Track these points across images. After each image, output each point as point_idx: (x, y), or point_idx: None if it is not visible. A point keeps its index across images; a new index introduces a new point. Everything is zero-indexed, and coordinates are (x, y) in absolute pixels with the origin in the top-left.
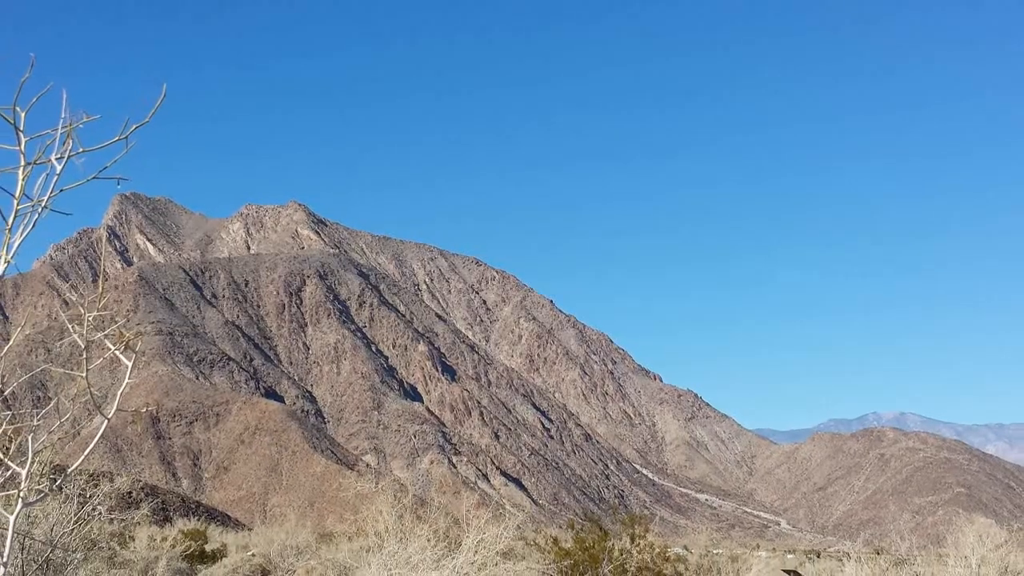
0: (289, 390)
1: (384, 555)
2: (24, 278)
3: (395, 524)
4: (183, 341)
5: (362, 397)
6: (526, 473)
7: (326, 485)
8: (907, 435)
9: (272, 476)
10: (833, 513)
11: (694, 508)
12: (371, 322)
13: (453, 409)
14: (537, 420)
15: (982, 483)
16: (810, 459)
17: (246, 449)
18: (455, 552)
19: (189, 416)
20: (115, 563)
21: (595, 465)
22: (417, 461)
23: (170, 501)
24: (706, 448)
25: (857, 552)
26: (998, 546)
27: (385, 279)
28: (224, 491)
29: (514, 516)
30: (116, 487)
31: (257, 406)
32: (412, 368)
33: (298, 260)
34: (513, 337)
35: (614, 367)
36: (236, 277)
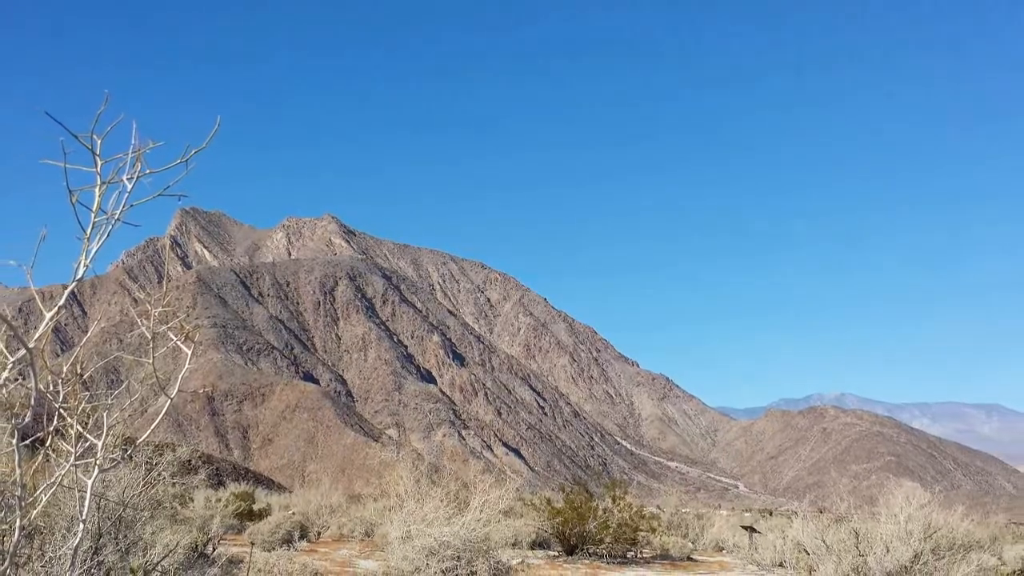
0: (324, 374)
1: (404, 513)
2: (100, 280)
3: (413, 487)
4: (234, 333)
5: (385, 380)
6: (524, 444)
7: (355, 455)
8: (846, 412)
9: (309, 447)
10: (783, 478)
11: (666, 474)
12: (393, 317)
13: (462, 390)
14: (533, 400)
15: (909, 453)
16: (764, 432)
17: (287, 424)
18: (464, 511)
19: (239, 396)
20: (177, 520)
21: (582, 438)
22: (432, 434)
23: (223, 468)
24: (676, 423)
25: (803, 511)
26: (922, 506)
27: (405, 280)
28: (269, 460)
29: (514, 481)
30: (177, 456)
31: (296, 388)
32: (427, 355)
33: (331, 264)
34: (513, 329)
35: (599, 355)
36: (279, 279)
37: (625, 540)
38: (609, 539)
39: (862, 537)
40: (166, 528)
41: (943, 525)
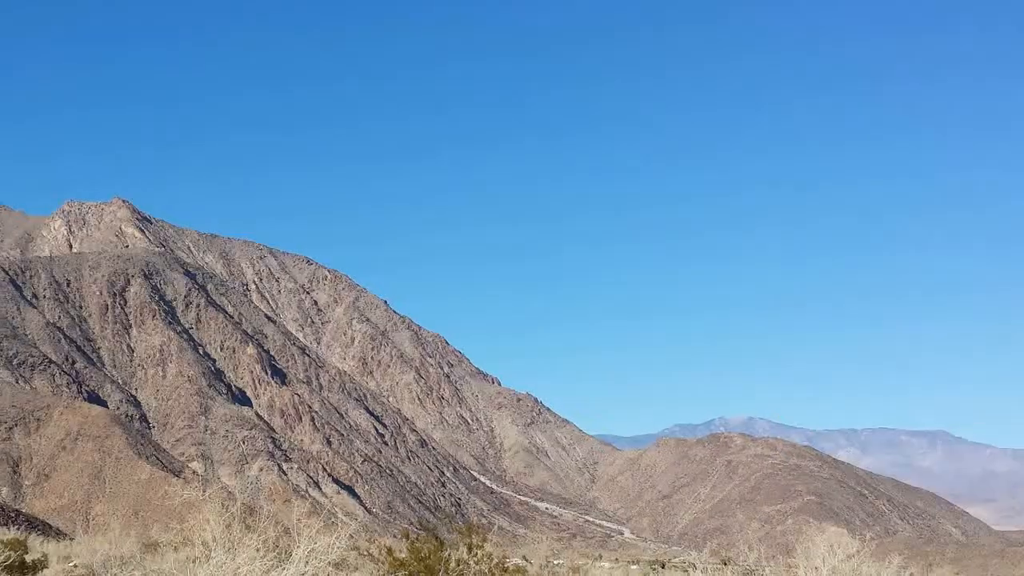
0: (113, 394)
1: (211, 566)
2: None
3: (223, 533)
4: (2, 343)
5: (188, 401)
6: (359, 480)
7: (151, 493)
8: (755, 441)
9: (95, 483)
10: (678, 522)
11: (534, 517)
12: (198, 323)
13: (283, 414)
14: (370, 425)
15: (833, 491)
16: (654, 466)
17: (68, 455)
18: (285, 562)
19: (8, 421)
20: None
21: (431, 472)
22: (246, 468)
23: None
24: (546, 455)
25: (704, 562)
26: (850, 556)
27: (212, 278)
28: (45, 499)
29: (347, 525)
30: None
31: (79, 411)
32: (240, 371)
33: (122, 259)
34: (346, 339)
35: (451, 370)
36: (57, 277)
37: None
38: None
39: None
40: None
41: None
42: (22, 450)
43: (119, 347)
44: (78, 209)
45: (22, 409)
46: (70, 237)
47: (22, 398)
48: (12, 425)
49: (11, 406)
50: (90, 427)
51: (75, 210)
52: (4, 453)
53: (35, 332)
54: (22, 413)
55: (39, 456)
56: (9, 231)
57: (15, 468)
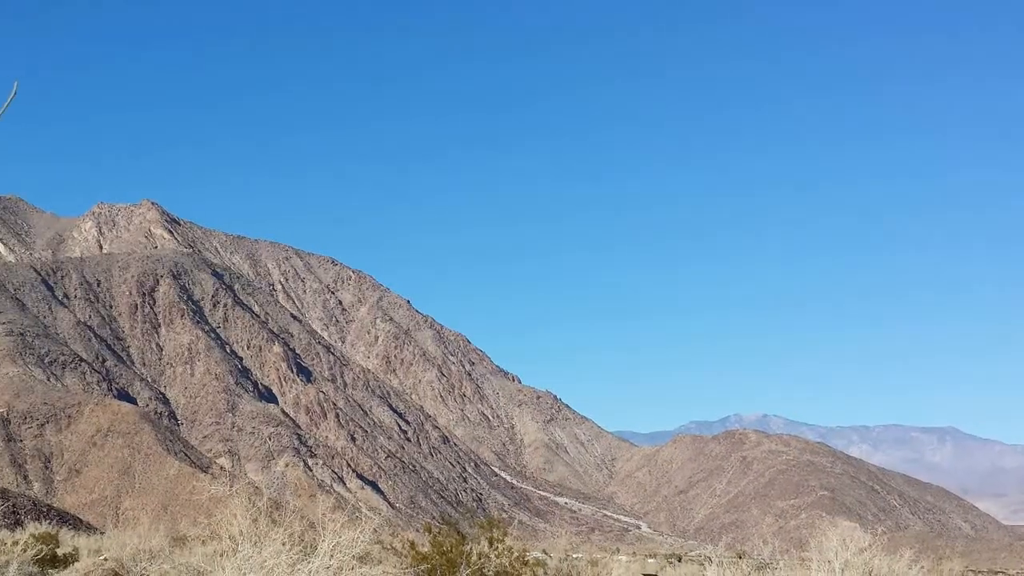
0: (142, 392)
1: (238, 559)
2: None
3: (249, 528)
4: (34, 342)
5: (216, 399)
6: (382, 476)
7: (179, 488)
8: (770, 437)
9: (125, 479)
10: (694, 516)
11: (553, 511)
12: (225, 322)
13: (308, 411)
14: (394, 422)
15: (846, 486)
16: (671, 462)
17: (98, 452)
18: (311, 556)
19: (40, 418)
20: None
21: (453, 468)
22: (272, 464)
23: (21, 504)
24: (565, 451)
25: (719, 556)
26: (862, 550)
27: (239, 279)
28: (76, 494)
29: (371, 520)
30: None
31: (109, 408)
32: (267, 369)
33: (151, 260)
34: (369, 338)
35: (472, 368)
36: (88, 277)
37: None
38: None
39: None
40: None
41: (887, 573)
42: (54, 446)
43: (148, 346)
44: (108, 211)
45: (54, 406)
46: (100, 238)
47: (54, 396)
48: (44, 422)
49: (43, 403)
50: (120, 424)
51: (105, 212)
52: (36, 449)
53: (66, 331)
54: (54, 410)
55: (70, 452)
56: (41, 232)
57: (47, 464)
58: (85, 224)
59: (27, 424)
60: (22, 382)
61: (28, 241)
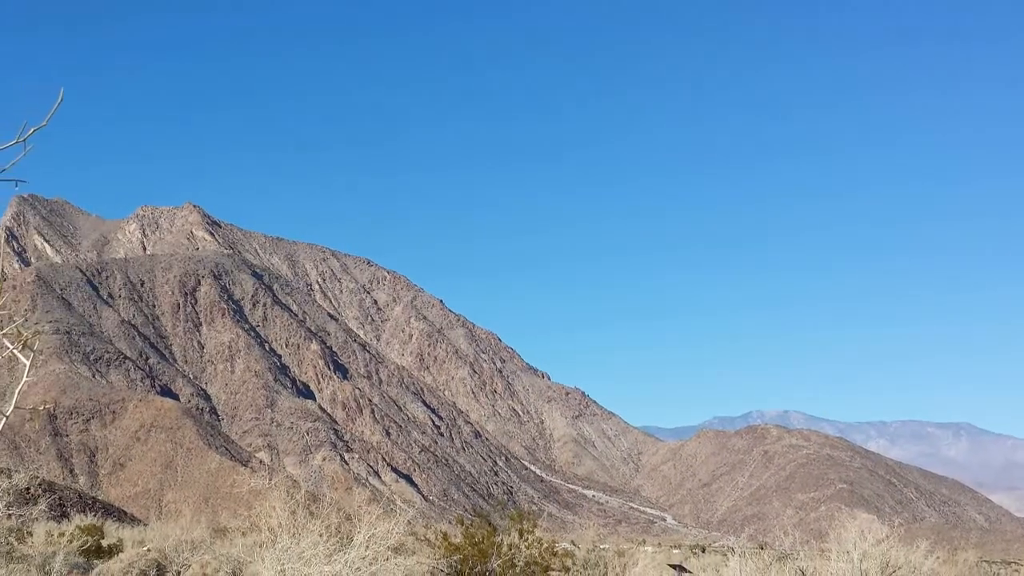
0: (184, 388)
1: (277, 550)
2: None
3: (288, 520)
4: (80, 340)
5: (255, 395)
6: (416, 470)
7: (220, 481)
8: (790, 432)
9: (167, 473)
10: (718, 509)
11: (581, 504)
12: (264, 321)
13: (345, 407)
14: (427, 418)
15: (864, 479)
16: (695, 456)
17: (142, 446)
18: (347, 547)
19: (86, 414)
20: (13, 558)
21: (484, 462)
22: (309, 458)
23: (67, 497)
24: (593, 445)
25: (741, 547)
26: (879, 541)
27: (278, 279)
28: (120, 487)
29: (404, 512)
30: (14, 483)
31: (152, 404)
32: (305, 366)
33: (193, 260)
34: (404, 336)
35: (503, 366)
36: (132, 277)
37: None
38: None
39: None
40: (1, 567)
41: (904, 563)
42: (99, 441)
43: (190, 344)
44: (152, 213)
45: (99, 402)
46: (144, 240)
47: (99, 392)
48: (89, 417)
49: (88, 399)
50: (163, 419)
51: (149, 214)
52: (82, 444)
53: (111, 329)
54: (99, 406)
55: (115, 447)
56: (87, 234)
57: (92, 458)
58: (129, 226)
59: (73, 419)
60: (68, 379)
61: (74, 243)
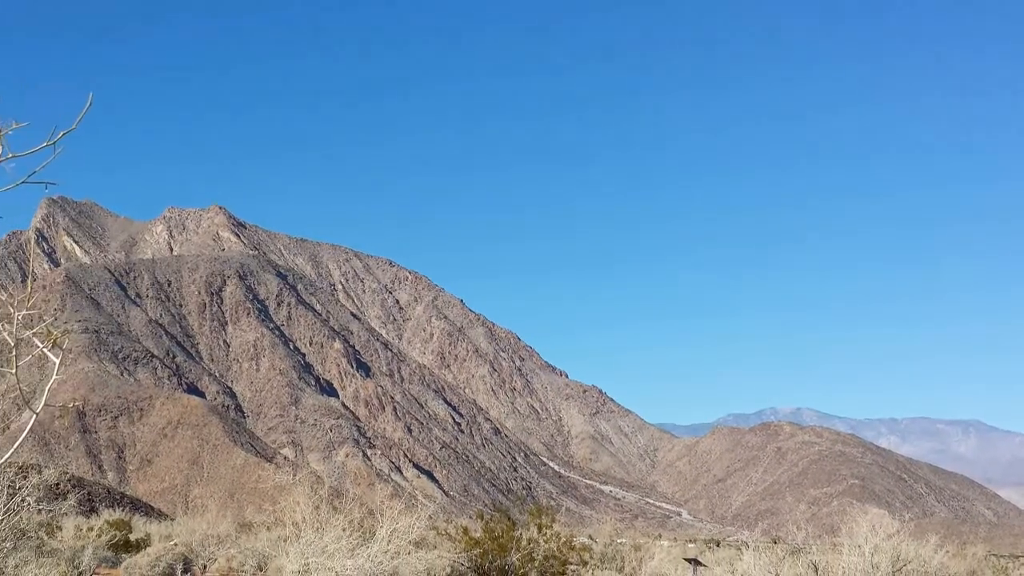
0: (210, 386)
1: (301, 544)
2: None
3: (312, 515)
4: (108, 339)
5: (280, 393)
6: (437, 466)
7: (246, 477)
8: (803, 429)
9: (194, 468)
10: (732, 504)
11: (599, 499)
12: (289, 321)
13: (367, 404)
14: (448, 415)
15: (875, 475)
16: (710, 452)
17: (169, 443)
18: (370, 541)
19: (114, 411)
20: (43, 552)
21: (504, 458)
22: (333, 454)
23: (96, 493)
24: (610, 442)
25: (755, 541)
26: (890, 536)
27: (302, 279)
28: (148, 483)
29: (426, 507)
30: (44, 479)
31: (179, 401)
32: (328, 365)
33: (219, 261)
34: (425, 335)
35: (522, 364)
36: (159, 277)
37: (553, 574)
38: (535, 573)
39: (822, 571)
40: (31, 561)
41: (914, 557)
42: (126, 437)
43: (216, 342)
44: (178, 215)
45: (127, 400)
46: (171, 241)
47: (127, 389)
48: (118, 414)
49: (116, 397)
50: (189, 416)
51: (176, 216)
52: (110, 440)
53: (139, 329)
54: (127, 403)
55: (142, 443)
56: (115, 235)
57: (120, 454)
58: (156, 227)
59: (102, 416)
60: (97, 377)
61: (103, 243)
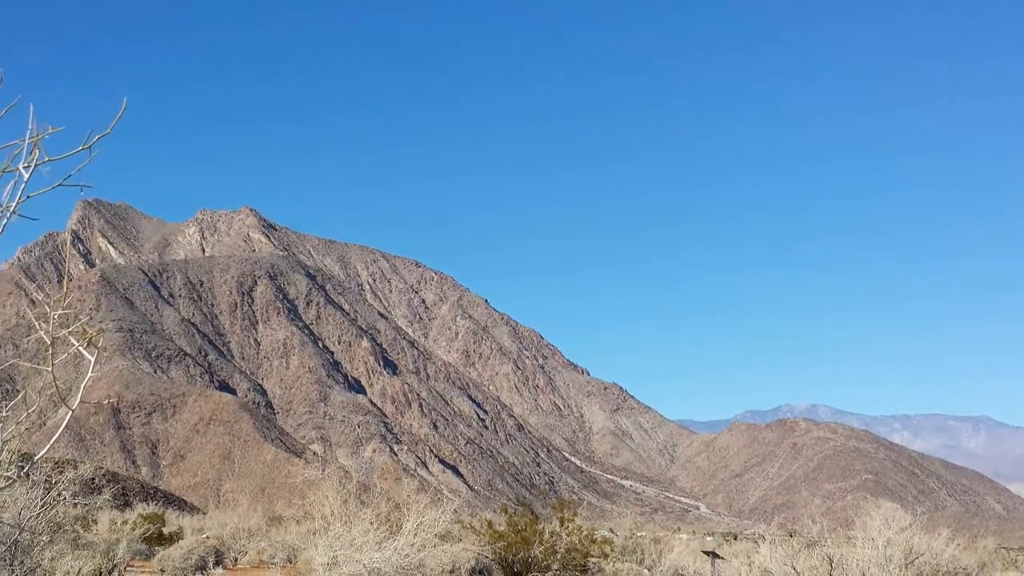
0: (241, 383)
1: (330, 537)
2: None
3: (340, 508)
4: (142, 337)
5: (309, 390)
6: (462, 461)
7: (275, 472)
8: (818, 425)
9: (225, 464)
10: (749, 498)
11: (619, 493)
12: (318, 320)
13: (394, 401)
14: (472, 411)
15: (888, 470)
16: (728, 448)
17: (201, 438)
18: (396, 535)
19: (148, 407)
20: (79, 545)
21: (527, 453)
22: (361, 450)
23: (130, 487)
24: (631, 437)
25: (771, 534)
26: (903, 529)
27: (331, 280)
28: (180, 477)
29: (451, 501)
30: (79, 474)
31: (211, 398)
32: (356, 363)
33: (250, 262)
34: (450, 334)
35: (544, 362)
36: (191, 278)
37: (574, 567)
38: (557, 566)
39: (836, 564)
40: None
41: (926, 550)
42: (160, 434)
43: (247, 341)
44: (210, 217)
45: (160, 397)
46: (203, 242)
47: (160, 387)
48: (151, 411)
49: (150, 394)
50: (221, 413)
51: (208, 218)
52: (144, 436)
53: (172, 327)
54: (160, 400)
55: (175, 439)
56: (149, 237)
57: (154, 450)
58: (189, 229)
59: (136, 413)
60: (131, 374)
61: (136, 245)
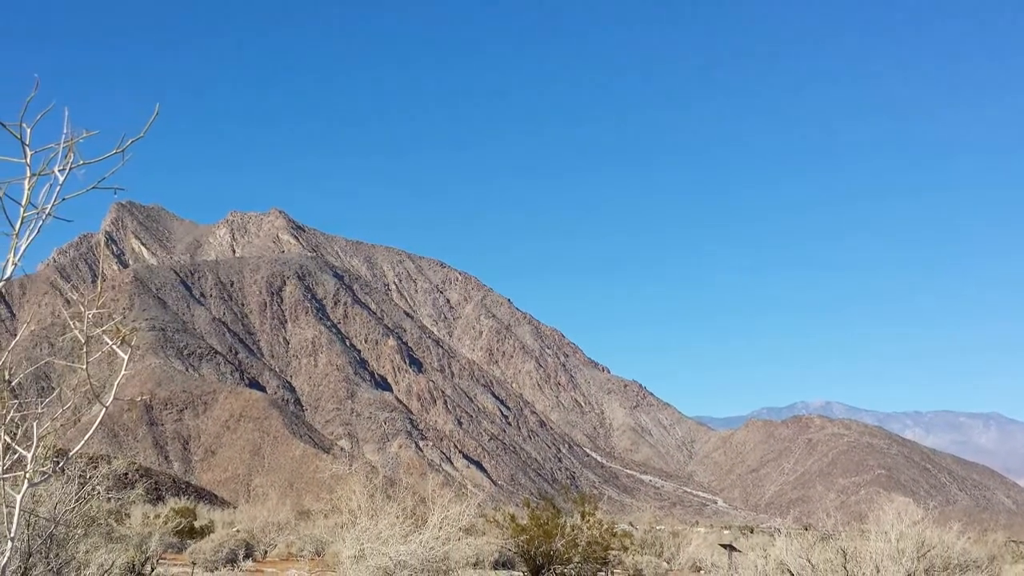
0: (270, 381)
1: (357, 531)
2: (30, 279)
3: (367, 503)
4: (174, 336)
5: (337, 387)
6: (486, 456)
7: (304, 467)
8: (832, 422)
9: (255, 459)
10: (765, 493)
11: (639, 488)
12: (345, 319)
13: (420, 398)
14: (496, 408)
15: (901, 466)
16: (744, 444)
17: (231, 434)
18: (422, 528)
19: (179, 404)
20: (112, 538)
21: (549, 449)
22: (387, 445)
23: (162, 482)
24: (650, 434)
25: (787, 528)
26: (915, 522)
27: (358, 280)
28: (211, 472)
29: (475, 495)
30: (113, 469)
31: (241, 395)
32: (382, 361)
33: (279, 262)
34: (474, 333)
35: (566, 360)
36: (222, 278)
37: (595, 559)
38: (578, 558)
39: (850, 556)
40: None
41: (937, 543)
42: (191, 430)
43: (276, 340)
44: (240, 219)
45: (191, 394)
46: (233, 243)
47: (192, 384)
48: (183, 408)
49: (182, 391)
50: (251, 410)
51: (238, 219)
52: (176, 432)
53: (203, 326)
54: (191, 397)
55: (206, 435)
56: (180, 238)
57: (185, 445)
58: (220, 230)
59: (168, 410)
60: (163, 372)
61: (169, 246)
